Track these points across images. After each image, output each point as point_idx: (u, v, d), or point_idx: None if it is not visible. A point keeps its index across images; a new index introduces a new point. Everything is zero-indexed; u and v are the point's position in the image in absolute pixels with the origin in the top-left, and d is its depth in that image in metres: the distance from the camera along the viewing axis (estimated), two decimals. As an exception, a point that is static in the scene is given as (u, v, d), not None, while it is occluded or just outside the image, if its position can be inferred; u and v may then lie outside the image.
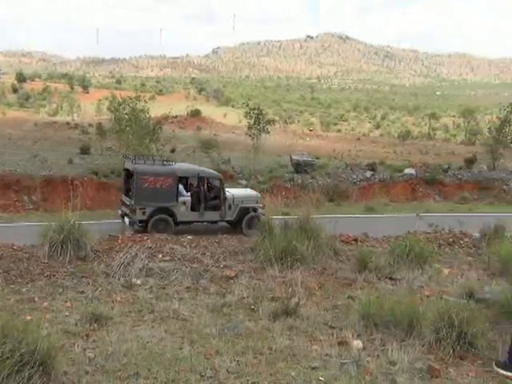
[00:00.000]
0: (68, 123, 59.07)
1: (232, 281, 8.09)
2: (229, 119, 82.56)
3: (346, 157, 44.66)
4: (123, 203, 17.79)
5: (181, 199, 17.35)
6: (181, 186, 17.59)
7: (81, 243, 8.74)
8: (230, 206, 17.91)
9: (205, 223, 17.87)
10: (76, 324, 6.16)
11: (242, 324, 6.30)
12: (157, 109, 46.11)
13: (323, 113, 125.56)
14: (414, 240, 10.00)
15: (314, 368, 5.18)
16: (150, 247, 9.32)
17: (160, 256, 9.05)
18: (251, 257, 9.35)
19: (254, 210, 17.94)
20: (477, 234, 12.45)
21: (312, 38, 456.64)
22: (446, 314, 5.76)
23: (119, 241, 10.07)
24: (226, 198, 17.88)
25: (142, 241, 9.98)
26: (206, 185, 18.08)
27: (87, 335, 5.83)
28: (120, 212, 17.93)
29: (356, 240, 11.51)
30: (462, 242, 11.98)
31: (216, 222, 18.04)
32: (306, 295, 7.37)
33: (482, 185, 32.89)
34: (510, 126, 40.64)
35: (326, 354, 5.51)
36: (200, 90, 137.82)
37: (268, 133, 42.01)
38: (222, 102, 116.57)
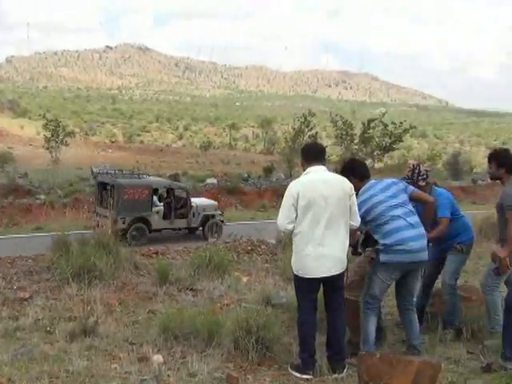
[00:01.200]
0: None
1: (26, 302, 7.67)
2: (26, 131, 78.95)
3: (150, 168, 44.56)
4: (97, 214, 19.02)
5: (155, 209, 19.02)
6: (155, 197, 19.27)
7: None
8: (193, 214, 19.70)
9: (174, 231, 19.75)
10: None
11: (36, 348, 5.97)
12: None
13: (125, 124, 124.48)
14: (214, 250, 10.16)
15: (112, 387, 5.04)
16: None
17: None
18: (47, 276, 8.95)
19: (213, 216, 20.02)
20: (273, 241, 12.93)
21: (111, 48, 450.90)
22: (244, 322, 5.87)
23: None
24: (191, 207, 19.62)
25: None
26: (174, 195, 19.72)
27: None
28: (94, 222, 18.52)
29: (157, 253, 11.48)
30: (259, 249, 12.38)
31: (183, 228, 19.86)
32: (105, 312, 7.17)
33: (279, 192, 34.30)
34: (303, 135, 43.01)
35: (126, 372, 5.38)
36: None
37: (67, 145, 40.76)
38: (18, 113, 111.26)
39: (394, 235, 5.65)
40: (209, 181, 36.32)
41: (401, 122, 43.15)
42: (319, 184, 5.45)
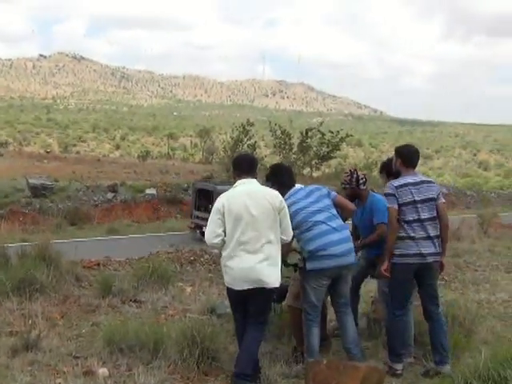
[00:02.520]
0: None
1: (-36, 318, 7.45)
2: (-44, 142, 76.64)
3: (87, 179, 43.63)
4: (196, 217, 21.64)
5: None
6: None
7: None
8: None
9: None
10: None
11: (-23, 364, 5.83)
12: None
13: (61, 134, 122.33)
14: (157, 261, 10.10)
15: (59, 402, 4.96)
16: None
17: None
18: (-15, 290, 8.71)
19: None
20: (216, 251, 12.89)
21: (45, 57, 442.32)
22: (189, 332, 5.85)
23: None
24: None
25: None
26: None
27: None
28: (192, 225, 21.77)
29: (99, 264, 11.30)
30: (202, 259, 12.33)
31: None
32: (47, 326, 7.03)
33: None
34: (242, 145, 43.06)
35: (71, 387, 5.31)
36: None
37: (1, 155, 39.88)
38: None
39: (316, 241, 5.64)
40: (148, 191, 35.83)
41: (337, 131, 43.65)
42: (244, 197, 5.43)
